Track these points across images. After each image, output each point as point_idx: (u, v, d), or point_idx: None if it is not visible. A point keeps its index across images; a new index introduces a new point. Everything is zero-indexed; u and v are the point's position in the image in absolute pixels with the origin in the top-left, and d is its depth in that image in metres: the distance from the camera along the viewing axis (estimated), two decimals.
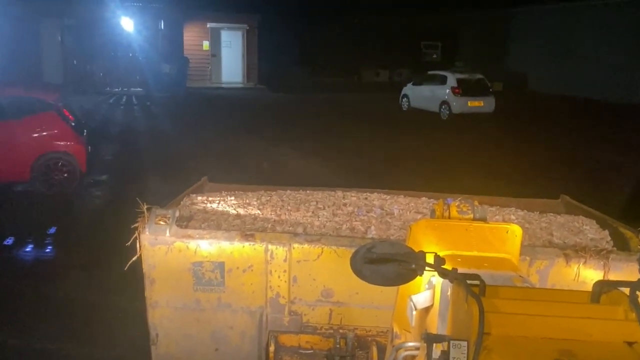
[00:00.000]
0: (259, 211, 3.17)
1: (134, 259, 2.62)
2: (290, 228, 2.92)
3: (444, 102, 17.37)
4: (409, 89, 19.44)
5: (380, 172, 9.41)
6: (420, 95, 18.70)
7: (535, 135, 14.35)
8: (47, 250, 6.25)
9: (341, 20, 30.27)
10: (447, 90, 17.29)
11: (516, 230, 1.95)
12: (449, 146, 12.81)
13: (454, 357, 1.30)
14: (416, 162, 10.69)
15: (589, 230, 3.09)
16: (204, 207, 3.21)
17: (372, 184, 4.21)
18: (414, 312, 1.84)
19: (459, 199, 2.26)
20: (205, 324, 2.70)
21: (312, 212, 3.18)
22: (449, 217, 2.14)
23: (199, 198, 3.36)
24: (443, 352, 1.40)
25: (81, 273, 5.47)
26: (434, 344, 1.50)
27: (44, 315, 4.68)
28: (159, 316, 2.69)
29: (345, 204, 3.40)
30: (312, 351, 2.70)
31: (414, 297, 1.84)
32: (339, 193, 3.62)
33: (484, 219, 2.12)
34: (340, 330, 2.68)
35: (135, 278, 2.75)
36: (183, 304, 2.66)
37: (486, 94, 17.28)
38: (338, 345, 2.65)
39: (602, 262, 2.52)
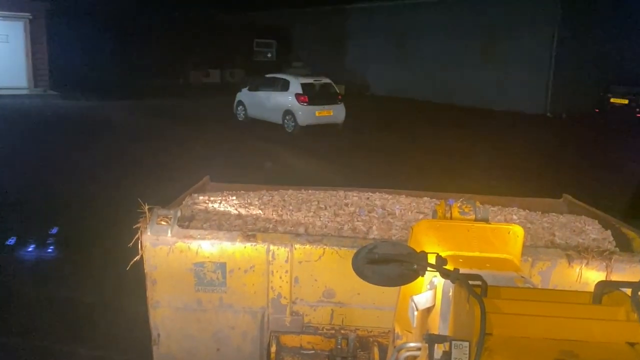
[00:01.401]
0: (260, 211, 3.17)
1: (135, 259, 2.62)
2: (292, 228, 2.92)
3: (288, 112, 14.64)
4: (244, 95, 16.26)
5: None
6: (259, 103, 15.72)
7: (390, 150, 12.51)
8: (49, 250, 6.25)
9: (164, 11, 26.30)
10: (291, 98, 14.59)
11: (518, 231, 1.95)
12: (302, 171, 10.36)
13: (456, 358, 1.29)
14: None
15: (592, 230, 3.09)
16: (206, 207, 3.21)
17: None
18: (416, 313, 1.84)
19: (461, 199, 2.25)
20: (206, 324, 2.70)
21: (314, 212, 3.18)
22: (451, 218, 2.14)
23: (201, 198, 3.36)
24: (445, 352, 1.40)
25: (83, 273, 5.47)
26: (436, 345, 1.50)
27: (45, 315, 4.69)
28: (161, 316, 2.69)
29: (346, 204, 3.40)
30: (313, 352, 2.70)
31: (416, 298, 1.84)
32: (341, 193, 3.62)
33: (485, 220, 2.12)
34: (342, 331, 2.68)
35: (137, 278, 2.75)
36: (184, 304, 2.66)
37: (335, 101, 14.96)
38: (339, 346, 2.65)
39: (604, 264, 2.52)
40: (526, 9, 20.17)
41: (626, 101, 17.20)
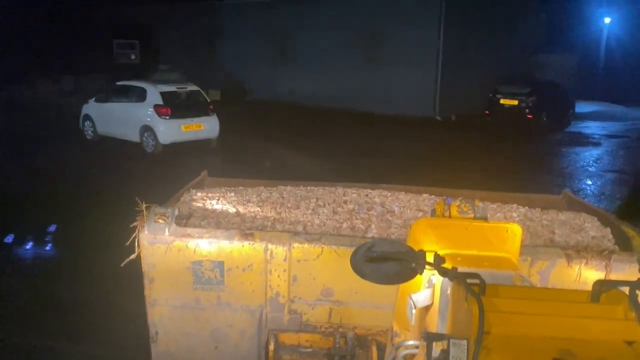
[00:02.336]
0: (258, 208, 3.16)
1: (131, 257, 2.61)
2: (290, 226, 2.91)
3: (147, 128, 11.75)
4: (92, 108, 13.07)
5: None
6: (111, 118, 12.58)
7: (273, 170, 10.04)
8: (47, 248, 6.25)
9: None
10: (150, 110, 11.70)
11: (516, 230, 1.94)
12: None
13: (454, 356, 1.29)
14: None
15: (591, 228, 3.08)
16: (204, 203, 3.20)
17: None
18: (414, 311, 1.84)
19: (460, 198, 2.25)
20: (204, 322, 2.69)
21: (312, 210, 3.17)
22: (450, 217, 2.14)
23: (199, 194, 3.35)
24: (443, 350, 1.39)
25: (81, 271, 5.47)
26: (434, 343, 1.50)
27: (43, 314, 4.69)
28: (159, 314, 2.69)
29: (345, 202, 3.39)
30: (311, 350, 2.70)
31: (414, 296, 1.84)
32: (340, 190, 3.61)
33: (484, 218, 2.12)
34: (340, 329, 2.68)
35: (135, 276, 2.74)
36: (182, 302, 2.66)
37: (206, 113, 12.28)
38: (338, 344, 2.64)
39: (603, 263, 2.51)
40: (410, 7, 18.94)
41: (516, 102, 16.63)
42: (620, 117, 20.89)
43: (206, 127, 12.17)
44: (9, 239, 6.37)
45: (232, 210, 3.12)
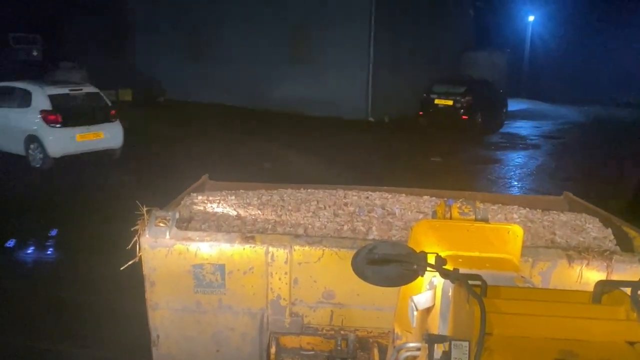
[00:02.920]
0: (259, 211, 3.16)
1: (133, 261, 2.61)
2: (291, 229, 2.91)
3: (33, 138, 9.85)
4: None
5: None
6: None
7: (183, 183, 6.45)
8: (49, 252, 6.25)
9: None
10: (36, 117, 9.75)
11: (517, 231, 1.94)
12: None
13: (456, 358, 1.29)
14: None
15: (592, 229, 3.08)
16: (204, 207, 3.20)
17: None
18: (415, 313, 1.83)
19: (461, 200, 2.25)
20: (206, 325, 2.69)
21: (313, 212, 3.17)
22: (451, 219, 2.13)
23: (200, 197, 3.35)
24: (444, 352, 1.39)
25: (82, 275, 5.47)
26: (436, 345, 1.50)
27: (45, 317, 4.69)
28: (160, 318, 2.68)
29: (346, 204, 3.38)
30: (313, 352, 2.69)
31: (415, 298, 1.83)
32: (340, 192, 3.61)
33: (485, 220, 2.11)
34: (342, 332, 2.67)
35: (136, 280, 2.74)
36: (184, 305, 2.66)
37: (107, 119, 10.40)
38: (339, 347, 2.64)
39: (605, 264, 2.50)
40: (338, 1, 17.47)
41: (450, 102, 15.76)
42: (549, 115, 20.81)
43: (107, 135, 10.28)
44: None
45: (232, 213, 3.12)
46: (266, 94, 18.44)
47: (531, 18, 27.90)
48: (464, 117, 15.58)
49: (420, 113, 16.26)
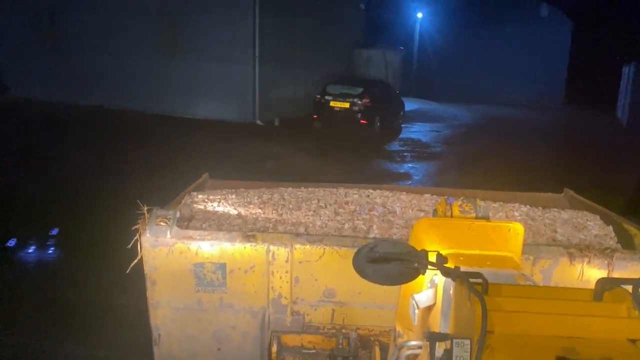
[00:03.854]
0: (260, 210, 3.16)
1: (135, 260, 2.61)
2: (292, 228, 2.91)
3: None
4: None
5: None
6: None
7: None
8: (50, 251, 6.25)
9: None
10: None
11: (518, 229, 1.94)
12: None
13: (457, 356, 1.29)
14: None
15: (593, 226, 3.08)
16: (205, 205, 3.20)
17: None
18: (417, 311, 1.84)
19: (461, 197, 2.25)
20: (207, 324, 2.69)
21: (314, 211, 3.17)
22: (452, 216, 2.13)
23: (200, 196, 3.35)
24: (446, 350, 1.39)
25: (83, 274, 5.47)
26: (437, 343, 1.50)
27: (46, 316, 4.69)
28: (161, 317, 2.69)
29: (347, 202, 3.38)
30: (314, 351, 2.69)
31: (417, 296, 1.84)
32: (341, 190, 3.61)
33: (486, 218, 2.11)
34: (343, 330, 2.67)
35: (137, 279, 2.74)
36: (185, 304, 2.66)
37: None
38: (341, 345, 2.64)
39: (606, 261, 2.50)
40: None
41: (347, 105, 14.27)
42: (443, 116, 20.34)
43: None
44: None
45: (233, 212, 3.12)
46: (135, 93, 15.82)
47: (420, 15, 27.82)
48: (362, 121, 14.33)
49: (315, 116, 14.79)
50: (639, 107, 19.88)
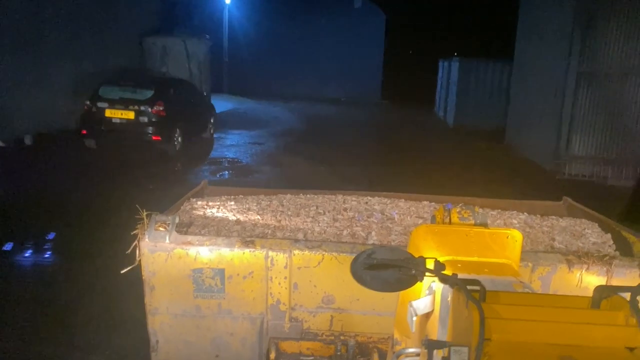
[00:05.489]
0: (259, 216, 3.16)
1: (133, 265, 2.61)
2: (291, 234, 2.91)
3: None
4: None
5: None
6: None
7: None
8: (46, 255, 6.24)
9: None
10: None
11: (516, 236, 1.94)
12: None
13: None
14: None
15: (591, 234, 3.08)
16: (204, 212, 3.20)
17: None
18: (415, 318, 1.83)
19: (460, 204, 2.25)
20: (205, 330, 2.69)
21: (313, 218, 3.18)
22: (450, 223, 2.14)
23: (199, 203, 3.35)
24: (444, 358, 1.39)
25: (81, 279, 5.46)
26: (435, 350, 1.49)
27: (43, 321, 4.68)
28: (159, 323, 2.68)
29: (345, 209, 3.39)
30: (313, 358, 2.69)
31: (414, 303, 1.83)
32: (339, 197, 3.62)
33: (484, 225, 2.12)
34: (341, 337, 2.67)
35: (135, 284, 2.74)
36: (183, 310, 2.66)
37: None
38: (339, 352, 2.64)
39: (604, 268, 2.51)
40: None
41: (132, 115, 10.47)
42: (263, 119, 17.51)
43: None
44: None
45: (232, 218, 3.12)
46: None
47: (227, 0, 23.08)
48: (155, 137, 10.59)
49: (84, 132, 10.70)
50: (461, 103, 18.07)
